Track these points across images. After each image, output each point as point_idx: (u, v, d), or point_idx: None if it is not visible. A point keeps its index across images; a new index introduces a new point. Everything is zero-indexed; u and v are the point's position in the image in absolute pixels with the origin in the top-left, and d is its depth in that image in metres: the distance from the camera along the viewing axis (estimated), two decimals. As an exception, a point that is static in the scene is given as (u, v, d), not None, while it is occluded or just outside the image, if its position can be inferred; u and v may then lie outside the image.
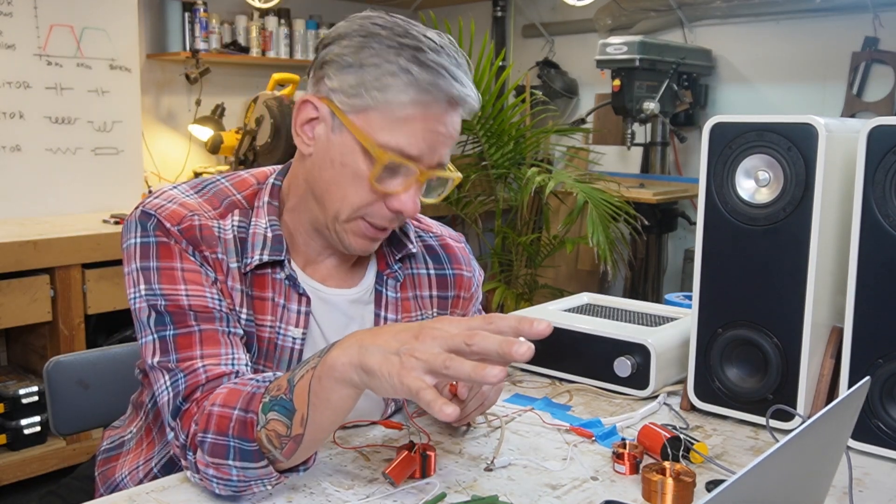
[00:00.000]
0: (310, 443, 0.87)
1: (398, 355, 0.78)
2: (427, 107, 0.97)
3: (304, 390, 0.85)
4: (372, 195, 1.00)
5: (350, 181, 0.99)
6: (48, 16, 3.12)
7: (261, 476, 0.89)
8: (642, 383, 1.29)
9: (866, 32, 3.53)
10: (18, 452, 2.70)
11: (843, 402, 0.71)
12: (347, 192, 1.00)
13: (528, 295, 3.72)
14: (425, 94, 0.96)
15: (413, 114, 0.97)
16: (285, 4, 4.15)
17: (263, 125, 3.44)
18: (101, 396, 1.38)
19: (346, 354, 0.82)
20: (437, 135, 0.99)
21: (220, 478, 0.89)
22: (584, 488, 0.98)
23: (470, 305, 1.26)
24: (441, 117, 0.98)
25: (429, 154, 0.99)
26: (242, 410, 0.88)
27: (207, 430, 0.89)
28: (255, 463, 0.88)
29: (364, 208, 1.01)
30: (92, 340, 2.87)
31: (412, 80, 0.95)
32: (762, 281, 1.14)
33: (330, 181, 1.01)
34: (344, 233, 1.03)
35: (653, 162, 4.05)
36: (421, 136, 0.97)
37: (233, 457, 0.88)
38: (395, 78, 0.95)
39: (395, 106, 0.96)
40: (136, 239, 1.01)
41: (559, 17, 4.53)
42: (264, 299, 1.05)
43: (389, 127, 0.97)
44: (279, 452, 0.87)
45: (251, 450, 0.87)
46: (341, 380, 0.82)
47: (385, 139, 0.97)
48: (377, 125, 0.97)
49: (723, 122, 1.16)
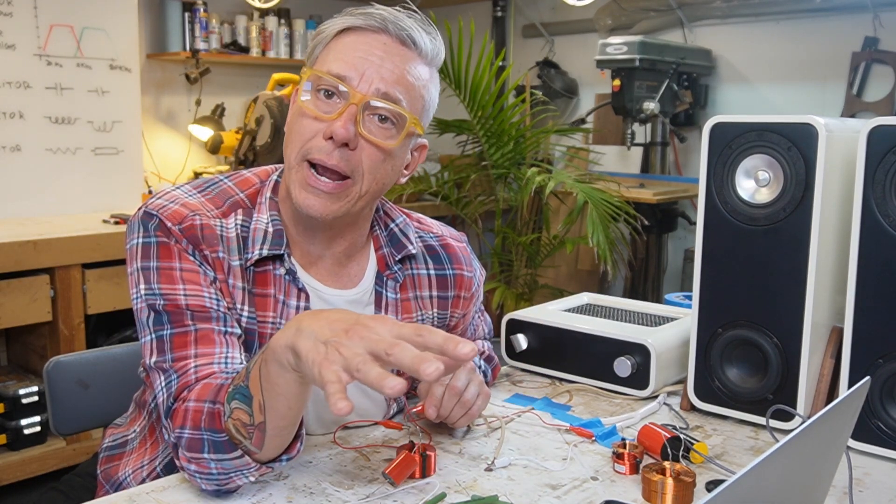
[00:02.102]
0: (275, 431, 0.86)
1: (326, 345, 0.76)
2: (358, 32, 1.02)
3: (256, 376, 0.85)
4: (311, 125, 1.01)
5: (294, 119, 1.03)
6: (48, 16, 3.12)
7: (238, 467, 0.89)
8: (642, 383, 1.29)
9: (866, 32, 3.52)
10: (18, 452, 2.70)
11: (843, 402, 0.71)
12: (293, 131, 1.03)
13: (528, 295, 3.71)
14: (356, 20, 1.02)
15: (344, 35, 1.03)
16: (285, 4, 4.15)
17: (263, 125, 3.44)
18: (101, 396, 1.38)
19: (283, 336, 0.81)
20: (369, 58, 1.00)
21: (201, 472, 0.90)
22: (584, 488, 0.98)
23: (470, 305, 1.26)
24: (376, 42, 1.01)
25: (361, 79, 0.99)
26: (211, 402, 0.89)
27: (184, 425, 0.91)
28: (228, 454, 0.88)
29: (307, 143, 1.01)
30: (92, 340, 2.87)
31: (349, 16, 1.03)
32: (762, 281, 1.14)
33: (287, 131, 1.05)
34: (293, 185, 1.02)
35: (653, 162, 4.05)
36: (350, 55, 1.01)
37: (207, 450, 0.89)
38: (334, 21, 1.04)
39: (329, 38, 1.04)
40: (138, 239, 1.02)
41: (559, 17, 4.53)
42: (266, 296, 1.05)
43: (325, 56, 1.03)
44: (249, 443, 0.87)
45: (221, 441, 0.88)
46: (279, 363, 0.81)
47: (319, 67, 1.02)
48: (318, 61, 1.04)
49: (723, 122, 1.16)
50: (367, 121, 1.00)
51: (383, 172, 1.04)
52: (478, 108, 3.60)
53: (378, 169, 1.03)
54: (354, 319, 0.79)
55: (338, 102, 1.00)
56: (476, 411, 1.11)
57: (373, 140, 1.01)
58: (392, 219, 1.19)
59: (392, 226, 1.18)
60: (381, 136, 1.01)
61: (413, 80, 1.02)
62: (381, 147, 1.01)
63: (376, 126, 1.01)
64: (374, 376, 0.72)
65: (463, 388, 1.09)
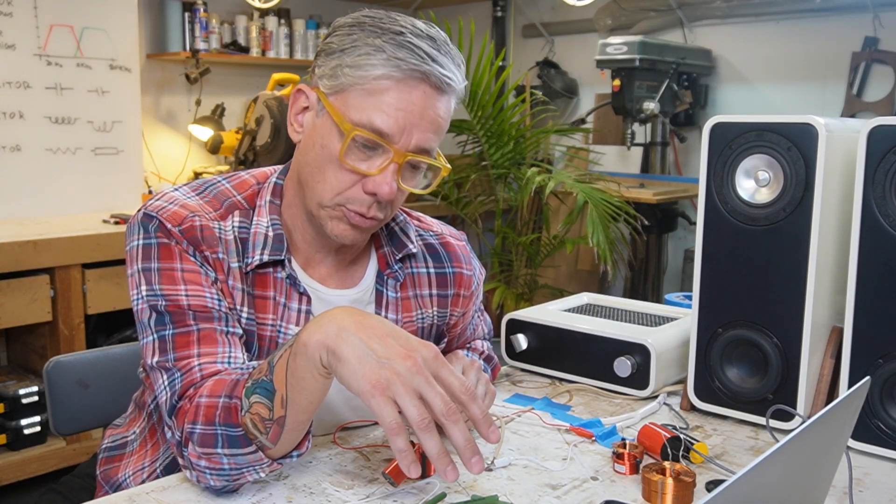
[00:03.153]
0: (293, 426, 0.87)
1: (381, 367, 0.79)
2: (399, 82, 0.96)
3: (282, 370, 0.85)
4: (348, 177, 0.99)
5: (328, 163, 1.00)
6: (48, 16, 3.12)
7: (251, 462, 0.89)
8: (642, 383, 1.29)
9: (866, 32, 3.53)
10: (18, 452, 2.70)
11: (843, 402, 0.71)
12: (326, 174, 1.00)
13: (528, 295, 3.72)
14: (397, 70, 0.95)
15: (384, 88, 0.96)
16: (285, 4, 4.15)
17: (263, 125, 3.44)
18: (101, 396, 1.38)
19: (321, 332, 0.81)
20: (411, 114, 0.97)
21: (212, 468, 0.90)
22: (584, 488, 0.98)
23: (470, 303, 1.26)
24: (415, 95, 0.97)
25: (402, 134, 0.97)
26: (227, 397, 0.89)
27: (196, 421, 0.91)
28: (243, 448, 0.88)
29: (343, 193, 1.00)
30: (92, 340, 2.87)
31: (385, 56, 0.95)
32: (762, 281, 1.14)
33: (313, 164, 1.01)
34: (328, 219, 1.02)
35: (653, 162, 4.05)
36: (392, 112, 0.96)
37: (221, 445, 0.88)
38: (370, 56, 0.96)
39: (367, 81, 0.96)
40: (138, 241, 1.02)
41: (559, 17, 4.53)
42: (266, 298, 1.05)
43: (362, 104, 0.97)
44: (265, 438, 0.87)
45: (237, 435, 0.88)
46: (310, 358, 0.82)
47: (357, 116, 0.97)
48: (351, 103, 0.97)
49: (723, 122, 1.16)
50: (405, 172, 1.01)
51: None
52: (478, 107, 3.60)
53: (399, 204, 1.07)
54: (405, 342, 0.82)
55: (376, 156, 0.99)
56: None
57: (410, 190, 1.03)
58: (392, 218, 1.19)
59: (392, 224, 1.18)
60: (417, 184, 1.04)
61: (444, 122, 1.02)
62: (415, 193, 1.05)
63: (411, 175, 1.03)
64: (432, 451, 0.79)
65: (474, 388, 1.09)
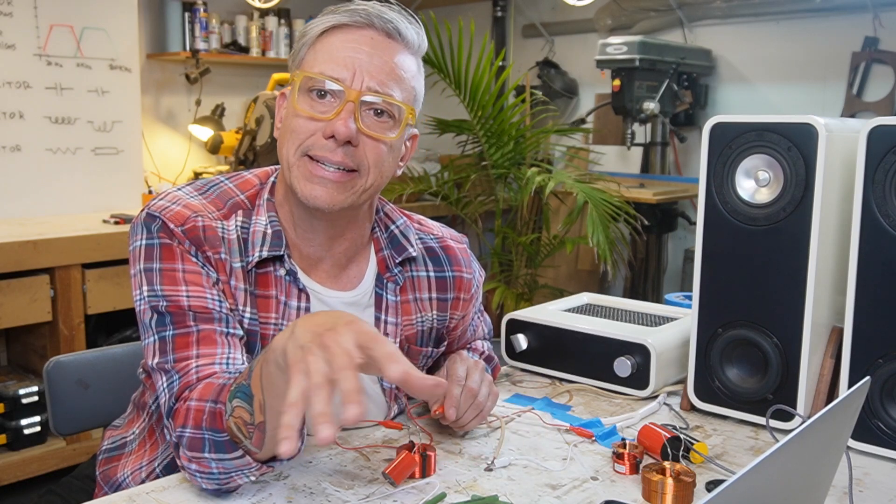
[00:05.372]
0: (274, 431, 0.85)
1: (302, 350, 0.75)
2: (343, 29, 1.02)
3: (258, 375, 0.84)
4: (307, 125, 1.01)
5: (288, 121, 1.03)
6: (48, 16, 3.12)
7: (239, 467, 0.89)
8: (642, 383, 1.29)
9: (866, 32, 3.52)
10: (18, 452, 2.70)
11: (843, 402, 0.71)
12: (288, 132, 1.03)
13: (528, 295, 3.71)
14: (342, 16, 1.02)
15: (330, 34, 1.03)
16: (285, 4, 4.14)
17: (263, 125, 3.44)
18: (101, 396, 1.38)
19: (282, 337, 0.80)
20: (359, 53, 1.00)
21: (201, 472, 0.90)
22: (584, 488, 0.98)
23: (469, 306, 1.26)
24: (363, 38, 1.01)
25: (353, 75, 1.00)
26: (213, 402, 0.89)
27: (186, 425, 0.91)
28: (229, 454, 0.88)
29: (305, 141, 1.01)
30: (92, 340, 2.87)
31: (333, 14, 1.03)
32: (762, 281, 1.14)
33: (282, 135, 1.05)
34: (296, 180, 1.02)
35: (653, 162, 4.05)
36: (340, 53, 1.01)
37: (208, 449, 0.89)
38: (319, 20, 1.04)
39: (316, 39, 1.04)
40: (141, 241, 1.02)
41: (559, 17, 4.53)
42: (268, 297, 1.05)
43: (314, 58, 1.03)
44: (249, 442, 0.87)
45: (222, 441, 0.88)
46: (277, 364, 0.79)
47: (310, 68, 1.02)
48: (307, 63, 1.04)
49: (723, 122, 1.16)
50: (364, 117, 1.01)
51: (387, 165, 1.05)
52: (478, 108, 3.60)
53: (383, 162, 1.04)
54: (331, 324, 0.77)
55: (332, 102, 1.00)
56: (486, 413, 1.11)
57: (374, 135, 1.01)
58: (392, 221, 1.18)
59: (392, 228, 1.17)
60: (381, 129, 1.02)
61: (402, 72, 1.03)
62: (382, 140, 1.02)
63: (374, 121, 1.02)
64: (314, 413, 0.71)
65: (478, 389, 1.09)
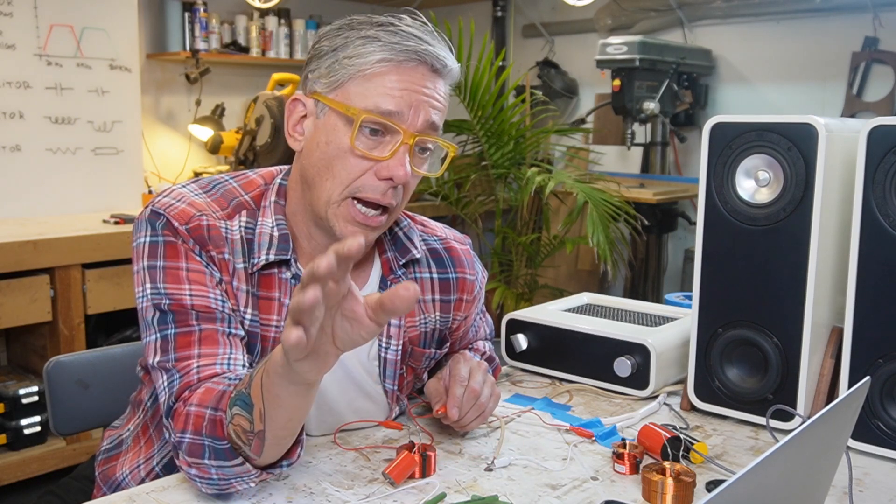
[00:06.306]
0: (274, 440, 0.86)
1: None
2: (398, 64, 0.98)
3: (258, 384, 0.83)
4: (358, 165, 0.99)
5: (336, 156, 0.99)
6: (48, 16, 3.12)
7: (239, 474, 0.89)
8: (642, 383, 1.29)
9: (866, 32, 3.52)
10: (18, 452, 2.70)
11: (843, 402, 0.71)
12: (335, 168, 1.00)
13: (528, 295, 3.71)
14: (394, 53, 0.97)
15: (385, 71, 0.97)
16: (285, 4, 4.14)
17: (263, 125, 3.44)
18: (100, 396, 1.37)
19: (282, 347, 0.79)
20: (415, 93, 0.98)
21: (201, 477, 0.90)
22: (584, 488, 0.98)
23: (472, 307, 1.26)
24: (416, 75, 0.98)
25: (410, 113, 0.98)
26: (213, 409, 0.89)
27: (185, 430, 0.90)
28: (230, 461, 0.88)
29: (354, 182, 0.99)
30: (92, 340, 2.87)
31: (381, 43, 0.98)
32: (762, 281, 1.14)
33: (319, 164, 1.01)
34: (335, 218, 1.01)
35: (653, 162, 4.05)
36: (396, 92, 0.97)
37: (208, 456, 0.88)
38: (366, 45, 0.98)
39: (366, 68, 0.98)
40: (145, 238, 1.01)
41: (559, 17, 4.53)
42: (271, 299, 1.05)
43: (364, 90, 0.98)
44: (248, 449, 0.87)
45: (223, 448, 0.88)
46: (279, 373, 0.79)
47: (362, 103, 0.98)
48: (353, 93, 0.98)
49: (723, 122, 1.16)
50: (415, 156, 1.01)
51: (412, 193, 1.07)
52: (478, 108, 3.60)
53: (410, 193, 1.05)
54: None
55: (387, 141, 0.99)
56: (488, 413, 1.11)
57: (421, 173, 1.02)
58: (396, 222, 1.18)
59: (396, 230, 1.17)
60: (423, 165, 1.03)
61: (444, 103, 1.03)
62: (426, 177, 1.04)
63: (420, 159, 1.02)
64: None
65: (481, 390, 1.09)
